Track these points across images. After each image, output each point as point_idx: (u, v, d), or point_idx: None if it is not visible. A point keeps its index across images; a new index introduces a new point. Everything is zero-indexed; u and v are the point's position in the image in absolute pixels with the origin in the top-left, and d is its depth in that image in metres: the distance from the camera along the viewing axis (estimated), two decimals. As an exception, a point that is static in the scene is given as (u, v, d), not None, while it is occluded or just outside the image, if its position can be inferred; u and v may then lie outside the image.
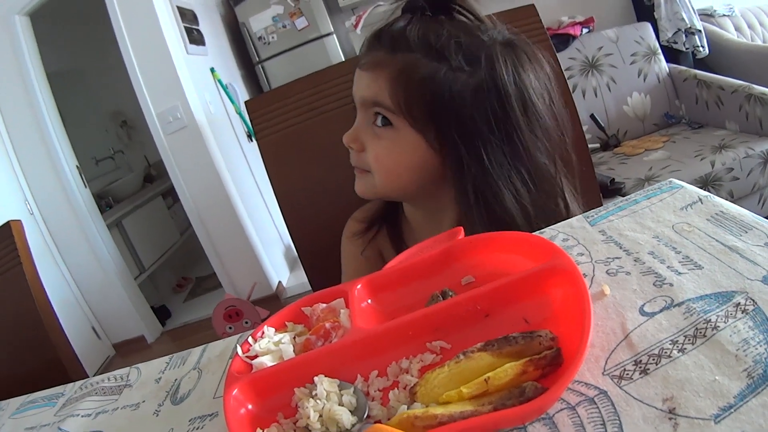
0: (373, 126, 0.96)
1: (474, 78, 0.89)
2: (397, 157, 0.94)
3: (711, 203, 0.68)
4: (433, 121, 0.90)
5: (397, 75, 0.90)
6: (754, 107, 2.93)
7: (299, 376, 0.57)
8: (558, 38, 3.57)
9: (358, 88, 0.97)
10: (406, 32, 0.91)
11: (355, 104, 0.99)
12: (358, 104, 0.98)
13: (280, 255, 4.65)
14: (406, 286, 0.69)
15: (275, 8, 4.71)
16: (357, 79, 0.98)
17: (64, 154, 4.12)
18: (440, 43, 0.89)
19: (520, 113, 0.90)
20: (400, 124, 0.92)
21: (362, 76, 0.96)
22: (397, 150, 0.94)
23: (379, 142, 0.95)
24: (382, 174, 0.97)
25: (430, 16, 0.94)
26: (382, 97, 0.91)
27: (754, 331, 0.47)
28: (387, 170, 0.96)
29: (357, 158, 1.00)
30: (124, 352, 4.49)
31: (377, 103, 0.93)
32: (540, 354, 0.49)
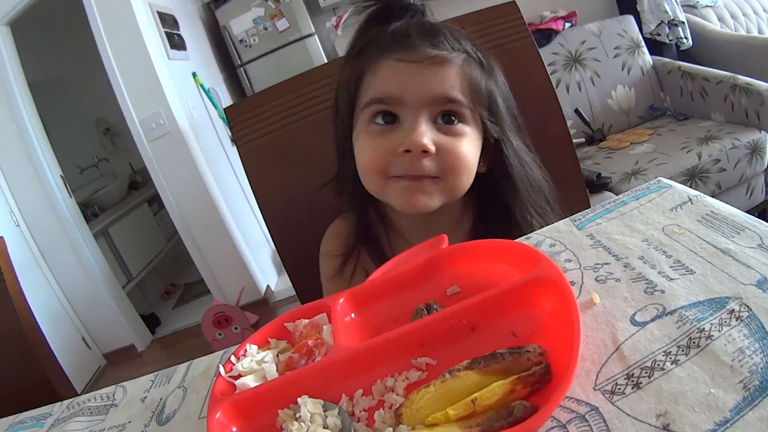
0: (439, 124, 0.90)
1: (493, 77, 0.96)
2: (469, 149, 0.91)
3: (701, 203, 0.66)
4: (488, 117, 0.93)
5: (464, 72, 0.91)
6: (740, 97, 2.93)
7: (283, 396, 0.56)
8: (540, 33, 3.56)
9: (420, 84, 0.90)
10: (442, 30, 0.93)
11: (401, 102, 0.90)
12: (416, 102, 0.89)
13: (268, 259, 4.63)
14: (390, 298, 0.68)
15: (256, 10, 4.69)
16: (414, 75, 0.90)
17: (48, 164, 4.08)
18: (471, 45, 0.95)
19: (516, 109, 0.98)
20: (468, 120, 0.91)
21: (428, 73, 0.89)
22: (469, 142, 0.91)
23: (457, 140, 0.90)
24: (464, 174, 0.92)
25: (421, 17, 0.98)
26: (456, 92, 0.89)
27: (749, 340, 0.45)
28: (468, 168, 0.92)
29: (426, 164, 0.89)
30: (115, 362, 4.47)
31: (452, 99, 0.89)
32: (529, 370, 0.47)
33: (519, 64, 1.03)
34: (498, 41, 1.22)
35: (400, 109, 0.90)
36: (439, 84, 0.89)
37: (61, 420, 0.79)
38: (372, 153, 0.92)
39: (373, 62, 0.92)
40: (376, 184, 0.94)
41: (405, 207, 0.93)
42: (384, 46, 0.92)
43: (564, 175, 1.28)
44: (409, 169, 0.89)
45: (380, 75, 0.91)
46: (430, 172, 0.89)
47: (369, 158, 0.92)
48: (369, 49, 0.94)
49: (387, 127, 0.91)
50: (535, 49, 1.25)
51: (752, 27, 4.04)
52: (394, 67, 0.90)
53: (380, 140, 0.91)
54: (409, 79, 0.89)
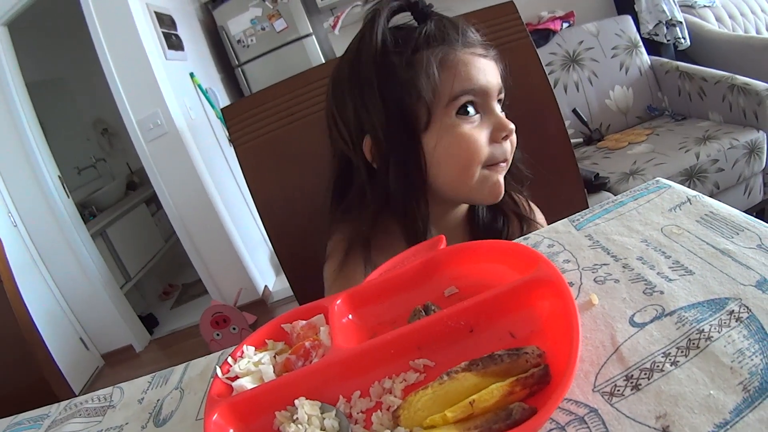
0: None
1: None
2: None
3: (700, 203, 0.66)
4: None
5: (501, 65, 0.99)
6: (738, 98, 2.92)
7: (280, 398, 0.56)
8: (538, 33, 3.55)
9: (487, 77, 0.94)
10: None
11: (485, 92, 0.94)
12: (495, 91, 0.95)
13: (266, 259, 4.63)
14: (387, 299, 0.67)
15: (254, 11, 4.68)
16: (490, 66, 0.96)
17: (46, 164, 4.07)
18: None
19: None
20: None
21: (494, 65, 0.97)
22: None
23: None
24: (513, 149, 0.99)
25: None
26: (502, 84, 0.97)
27: (749, 341, 0.45)
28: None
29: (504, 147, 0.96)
30: (112, 362, 4.46)
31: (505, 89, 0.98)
32: (527, 372, 0.47)
33: (517, 64, 1.03)
34: (496, 41, 1.20)
35: (485, 98, 0.94)
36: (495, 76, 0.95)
37: (58, 421, 0.79)
38: (478, 143, 0.93)
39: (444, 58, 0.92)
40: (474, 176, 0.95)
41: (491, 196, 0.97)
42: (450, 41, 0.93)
43: (562, 175, 1.28)
44: (504, 154, 0.95)
45: (462, 68, 0.92)
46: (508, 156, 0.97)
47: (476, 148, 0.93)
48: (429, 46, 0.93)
49: (477, 117, 0.94)
50: (533, 48, 1.25)
51: (750, 27, 4.04)
52: (474, 61, 0.93)
53: (478, 130, 0.93)
54: (486, 70, 0.94)
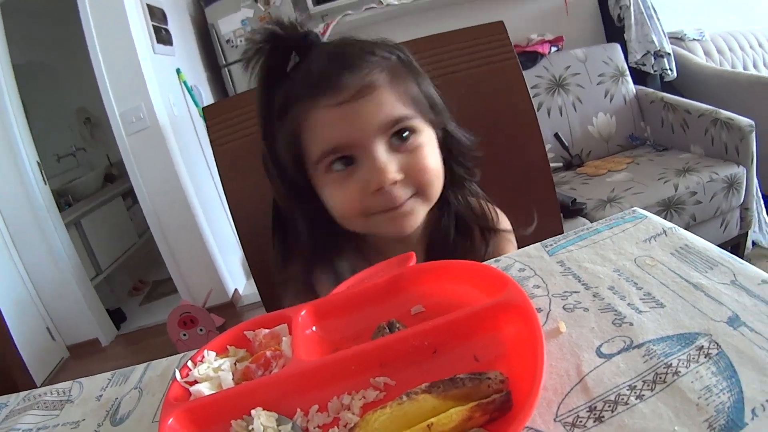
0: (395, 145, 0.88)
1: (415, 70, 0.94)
2: (432, 156, 0.91)
3: (676, 236, 0.66)
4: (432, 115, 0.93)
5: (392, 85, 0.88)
6: (720, 132, 2.95)
7: (237, 406, 0.55)
8: (526, 56, 3.57)
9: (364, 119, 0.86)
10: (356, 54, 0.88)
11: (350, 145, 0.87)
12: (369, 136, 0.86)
13: (238, 263, 4.60)
14: (353, 313, 0.67)
15: (245, 11, 4.67)
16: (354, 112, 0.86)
17: (26, 148, 4.01)
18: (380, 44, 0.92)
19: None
20: (418, 127, 0.90)
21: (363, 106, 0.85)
22: (429, 150, 0.91)
23: (415, 153, 0.89)
24: (436, 181, 0.92)
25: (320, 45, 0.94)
26: (401, 110, 0.87)
27: (717, 378, 0.44)
28: (437, 174, 0.92)
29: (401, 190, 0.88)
30: (77, 354, 4.40)
31: (400, 118, 0.87)
32: (488, 397, 0.46)
33: (502, 85, 1.02)
34: (482, 60, 1.22)
35: (353, 150, 0.87)
36: (379, 111, 0.86)
37: (15, 412, 0.78)
38: (345, 199, 0.90)
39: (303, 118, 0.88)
40: (359, 224, 0.93)
41: (395, 233, 0.92)
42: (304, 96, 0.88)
43: (539, 198, 1.28)
44: (386, 203, 0.88)
45: (318, 128, 0.87)
46: (408, 195, 0.89)
47: (345, 205, 0.90)
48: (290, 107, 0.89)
49: (347, 171, 0.88)
50: (519, 70, 1.25)
51: (738, 63, 4.09)
52: (327, 115, 0.86)
53: (347, 185, 0.88)
54: (348, 120, 0.86)
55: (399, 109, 0.87)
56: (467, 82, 1.11)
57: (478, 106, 1.01)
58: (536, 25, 3.92)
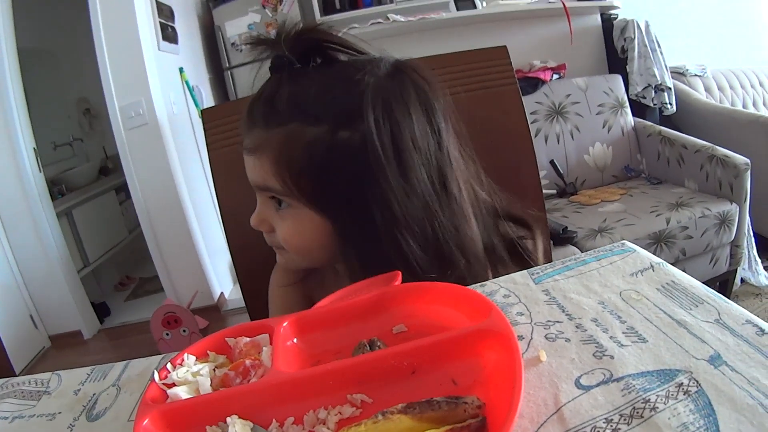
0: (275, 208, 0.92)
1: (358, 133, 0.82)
2: (302, 234, 0.91)
3: (663, 271, 0.66)
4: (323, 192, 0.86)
5: (278, 154, 0.85)
6: (715, 168, 2.97)
7: (213, 412, 0.54)
8: (527, 81, 3.59)
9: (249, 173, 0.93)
10: (275, 102, 0.86)
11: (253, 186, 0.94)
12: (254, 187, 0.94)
13: (225, 266, 4.60)
14: (335, 328, 0.66)
15: (252, 16, 4.69)
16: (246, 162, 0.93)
17: (23, 134, 4.01)
18: (313, 106, 0.84)
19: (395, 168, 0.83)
20: (293, 202, 0.88)
21: (248, 161, 0.92)
22: (300, 228, 0.90)
23: (283, 222, 0.92)
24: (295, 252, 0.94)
25: (300, 69, 0.87)
26: (270, 181, 0.88)
27: (694, 416, 0.44)
28: (297, 249, 0.93)
29: (270, 238, 0.97)
30: (59, 345, 4.39)
31: (267, 188, 0.89)
32: (464, 422, 0.46)
33: (500, 109, 1.03)
34: (483, 83, 1.22)
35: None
36: (252, 172, 0.91)
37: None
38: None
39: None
40: None
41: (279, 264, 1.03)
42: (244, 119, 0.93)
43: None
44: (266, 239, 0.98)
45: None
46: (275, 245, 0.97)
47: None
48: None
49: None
50: (519, 95, 1.26)
51: (737, 101, 4.12)
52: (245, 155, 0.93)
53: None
54: (247, 167, 0.92)
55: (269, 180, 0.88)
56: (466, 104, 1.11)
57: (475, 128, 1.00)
58: (540, 51, 3.94)
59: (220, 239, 4.48)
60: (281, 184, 0.86)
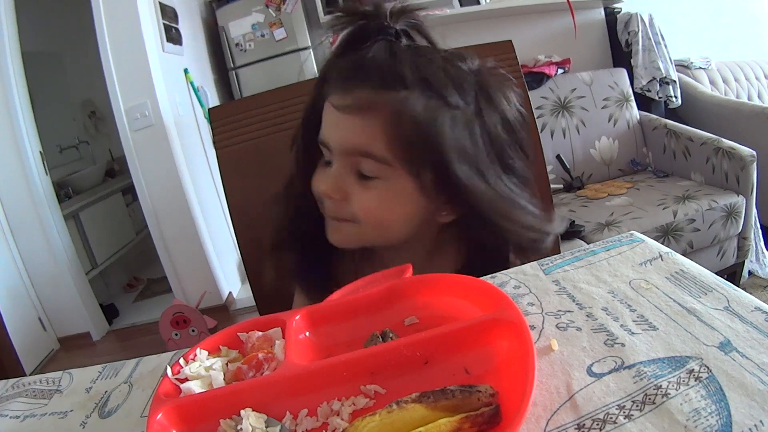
0: (357, 175, 0.86)
1: (470, 111, 0.83)
2: (389, 207, 0.86)
3: (672, 260, 0.66)
4: (432, 165, 0.82)
5: (394, 119, 0.81)
6: (722, 160, 2.96)
7: (226, 406, 0.55)
8: (532, 76, 3.58)
9: (338, 133, 0.86)
10: (397, 66, 0.81)
11: (329, 147, 0.88)
12: (336, 150, 0.87)
13: (233, 266, 4.60)
14: (347, 321, 0.67)
15: (256, 16, 4.69)
16: (335, 122, 0.86)
17: (29, 137, 4.00)
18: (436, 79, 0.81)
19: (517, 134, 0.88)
20: (390, 174, 0.84)
21: (345, 120, 0.84)
22: (388, 199, 0.86)
23: (367, 193, 0.86)
24: (373, 226, 0.88)
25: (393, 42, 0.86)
26: (374, 146, 0.82)
27: (706, 401, 0.44)
28: (378, 222, 0.88)
29: (338, 208, 0.89)
30: (68, 347, 4.39)
31: (368, 153, 0.83)
32: (478, 410, 0.46)
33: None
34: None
35: (331, 155, 0.88)
36: (351, 135, 0.85)
37: (3, 398, 0.78)
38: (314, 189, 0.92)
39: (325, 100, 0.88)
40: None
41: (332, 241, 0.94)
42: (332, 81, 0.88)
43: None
44: (327, 209, 0.92)
45: (323, 117, 0.89)
46: (343, 216, 0.89)
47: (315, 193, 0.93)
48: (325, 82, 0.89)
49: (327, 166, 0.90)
50: (525, 90, 1.25)
51: (742, 93, 4.11)
52: (329, 112, 0.87)
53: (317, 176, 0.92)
54: (334, 127, 0.87)
55: (375, 146, 0.83)
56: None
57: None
58: (544, 46, 3.93)
59: (228, 239, 4.49)
60: (390, 151, 0.82)
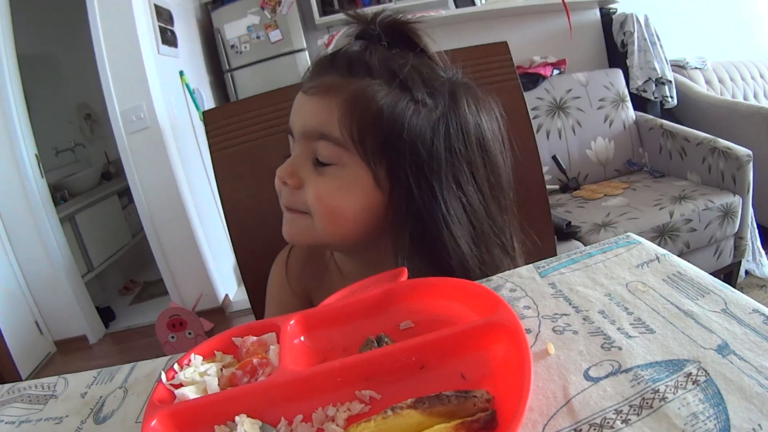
0: (314, 161, 0.85)
1: (435, 113, 0.83)
2: (343, 195, 0.84)
3: (668, 262, 0.66)
4: (386, 156, 0.82)
5: (353, 101, 0.81)
6: (718, 160, 2.97)
7: (221, 412, 0.54)
8: (528, 77, 3.58)
9: (300, 115, 0.86)
10: (366, 56, 0.83)
11: (293, 134, 0.88)
12: (297, 134, 0.87)
13: (230, 268, 4.61)
14: (342, 325, 0.66)
15: (251, 18, 4.70)
16: (299, 105, 0.87)
17: (25, 140, 4.02)
18: (403, 72, 0.82)
19: (479, 155, 0.85)
20: (347, 160, 0.82)
21: (308, 102, 0.85)
22: (343, 188, 0.83)
23: (321, 179, 0.84)
24: (325, 216, 0.85)
25: (386, 47, 0.87)
26: (331, 127, 0.81)
27: (704, 405, 0.44)
28: (331, 211, 0.84)
29: (292, 197, 0.87)
30: (64, 350, 4.39)
31: (324, 134, 0.82)
32: (473, 416, 0.45)
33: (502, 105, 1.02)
34: (484, 79, 1.22)
35: (294, 141, 0.88)
36: (310, 115, 0.85)
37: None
38: (275, 181, 0.90)
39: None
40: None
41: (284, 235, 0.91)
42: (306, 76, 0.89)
43: (534, 220, 1.28)
44: (282, 200, 0.90)
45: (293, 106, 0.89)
46: (298, 207, 0.87)
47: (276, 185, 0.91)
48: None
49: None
50: (520, 91, 1.25)
51: (738, 93, 4.12)
52: (296, 99, 0.88)
53: (278, 168, 0.88)
54: (297, 109, 0.87)
55: (331, 126, 0.82)
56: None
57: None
58: (540, 47, 3.93)
59: (224, 241, 4.49)
60: (345, 132, 0.81)
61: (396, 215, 0.85)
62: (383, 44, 0.87)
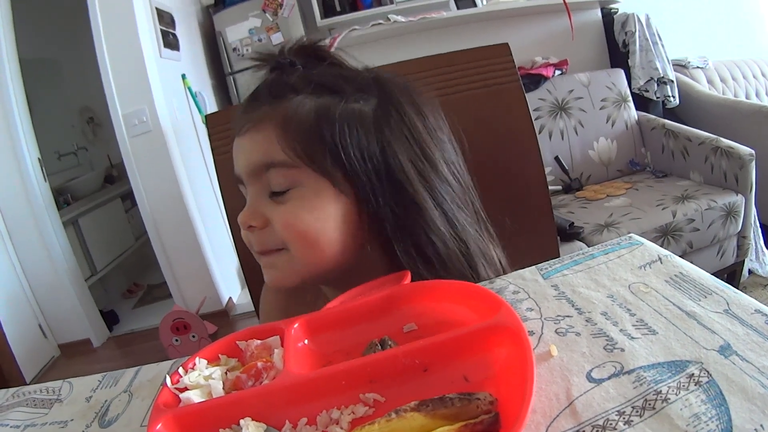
0: (270, 195, 0.83)
1: (370, 104, 0.83)
2: (311, 214, 0.81)
3: (671, 263, 0.66)
4: (337, 160, 0.80)
5: (287, 120, 0.80)
6: (720, 160, 2.96)
7: (226, 416, 0.55)
8: (529, 78, 3.58)
9: (242, 157, 0.85)
10: (284, 78, 0.84)
11: (242, 180, 0.86)
12: (246, 176, 0.84)
13: (233, 271, 4.60)
14: (345, 328, 0.67)
15: (253, 20, 4.70)
16: (239, 148, 0.85)
17: (28, 144, 4.02)
18: (325, 78, 0.83)
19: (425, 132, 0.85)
20: (301, 178, 0.81)
21: (245, 142, 0.84)
22: (308, 207, 0.81)
23: (283, 207, 0.82)
24: (300, 241, 0.82)
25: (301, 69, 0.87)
26: (275, 153, 0.80)
27: (706, 406, 0.44)
28: (304, 235, 0.81)
29: (262, 238, 0.84)
30: (68, 354, 4.40)
31: (271, 163, 0.81)
32: (477, 418, 0.46)
33: (504, 106, 1.03)
34: (486, 81, 1.22)
35: (245, 187, 0.87)
36: (251, 152, 0.83)
37: (4, 408, 0.77)
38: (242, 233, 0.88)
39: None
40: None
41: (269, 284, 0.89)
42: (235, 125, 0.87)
43: (536, 221, 1.28)
44: (255, 247, 0.87)
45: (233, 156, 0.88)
46: (271, 246, 0.84)
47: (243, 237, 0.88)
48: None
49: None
50: (522, 92, 1.25)
51: (740, 92, 4.12)
52: (234, 145, 0.87)
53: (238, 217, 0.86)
54: (237, 154, 0.86)
55: (274, 153, 0.81)
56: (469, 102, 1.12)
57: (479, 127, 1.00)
58: (541, 48, 3.93)
59: (227, 244, 4.49)
60: (290, 153, 0.80)
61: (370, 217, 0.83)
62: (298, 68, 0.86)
